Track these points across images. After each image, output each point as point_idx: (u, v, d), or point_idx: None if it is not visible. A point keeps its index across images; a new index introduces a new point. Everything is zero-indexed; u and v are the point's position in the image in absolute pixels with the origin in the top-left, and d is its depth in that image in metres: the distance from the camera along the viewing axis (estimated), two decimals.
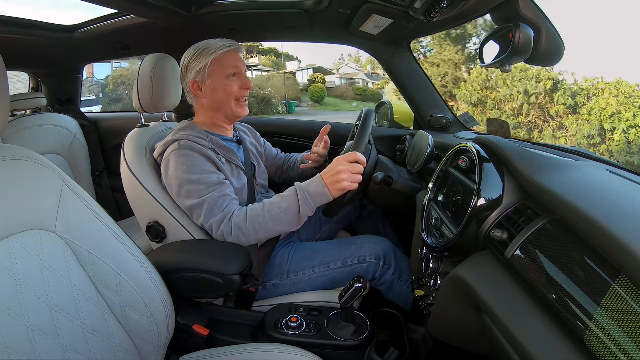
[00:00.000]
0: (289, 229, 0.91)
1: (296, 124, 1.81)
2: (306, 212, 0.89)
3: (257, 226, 0.89)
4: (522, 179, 0.65)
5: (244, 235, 0.89)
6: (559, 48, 0.88)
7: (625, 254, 0.40)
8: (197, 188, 0.91)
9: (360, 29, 1.25)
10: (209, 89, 1.02)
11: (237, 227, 0.89)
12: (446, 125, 1.45)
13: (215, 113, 1.06)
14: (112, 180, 1.90)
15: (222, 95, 1.02)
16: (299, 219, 0.90)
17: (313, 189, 0.89)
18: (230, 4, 1.28)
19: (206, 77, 1.00)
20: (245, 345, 0.77)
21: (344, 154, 0.91)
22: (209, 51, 0.99)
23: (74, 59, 1.84)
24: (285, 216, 0.89)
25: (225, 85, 1.01)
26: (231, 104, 1.03)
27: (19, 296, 0.53)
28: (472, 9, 0.92)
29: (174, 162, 0.92)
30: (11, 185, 0.56)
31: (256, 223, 0.89)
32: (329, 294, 1.02)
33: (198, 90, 1.03)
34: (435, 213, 0.89)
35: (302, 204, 0.88)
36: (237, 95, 1.03)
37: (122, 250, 0.65)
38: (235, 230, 0.89)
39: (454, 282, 0.70)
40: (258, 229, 0.89)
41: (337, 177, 0.87)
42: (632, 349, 0.37)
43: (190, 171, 0.91)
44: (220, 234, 0.90)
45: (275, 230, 0.91)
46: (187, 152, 0.93)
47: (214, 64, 1.00)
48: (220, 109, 1.05)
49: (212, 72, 1.00)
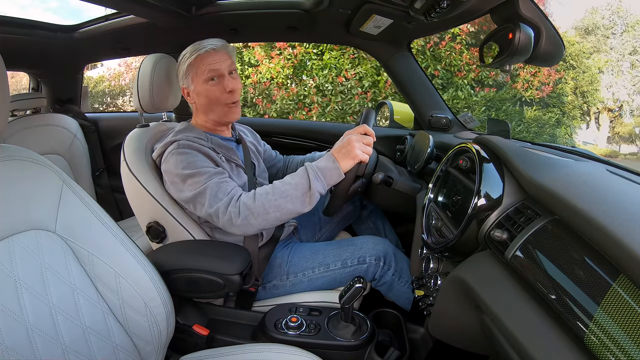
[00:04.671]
0: (300, 207, 0.85)
1: (296, 124, 1.81)
2: (317, 187, 0.84)
3: (266, 204, 0.84)
4: (522, 179, 0.65)
5: (253, 215, 0.84)
6: (558, 48, 0.88)
7: (625, 254, 0.40)
8: (197, 179, 0.89)
9: (360, 29, 1.25)
10: (194, 93, 1.01)
11: (246, 206, 0.85)
12: (446, 125, 1.45)
13: (207, 117, 1.05)
14: (112, 180, 1.90)
15: (205, 101, 1.00)
16: (310, 196, 0.85)
17: (323, 164, 0.86)
18: (230, 4, 1.28)
19: (190, 82, 1.00)
20: (245, 345, 0.77)
21: (354, 128, 0.90)
22: (187, 56, 0.99)
23: (74, 59, 1.83)
24: (296, 192, 0.84)
25: (206, 91, 0.98)
26: (217, 110, 1.00)
27: (18, 296, 0.53)
28: (472, 9, 0.92)
29: (173, 161, 0.92)
30: (11, 185, 0.56)
31: (265, 201, 0.84)
32: (329, 294, 1.02)
33: (187, 95, 1.04)
34: (435, 213, 0.89)
35: (312, 178, 0.84)
36: (222, 100, 0.99)
37: (122, 250, 0.65)
38: (243, 211, 0.85)
39: (454, 282, 0.70)
40: (268, 207, 0.84)
41: (349, 147, 0.85)
42: (632, 349, 0.37)
43: (189, 167, 0.90)
44: (227, 217, 0.86)
45: (286, 208, 0.85)
46: (186, 150, 0.92)
47: (190, 69, 0.98)
48: (209, 114, 1.03)
49: (193, 78, 0.99)
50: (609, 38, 7.89)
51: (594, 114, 8.51)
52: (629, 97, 8.14)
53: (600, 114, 8.41)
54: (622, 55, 7.83)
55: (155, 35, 1.48)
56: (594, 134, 8.57)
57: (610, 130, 8.62)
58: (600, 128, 8.56)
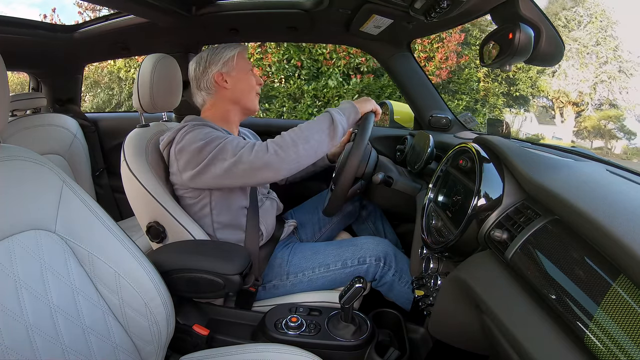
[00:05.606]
0: (326, 138, 0.89)
1: (295, 124, 1.81)
2: (339, 120, 0.91)
3: (293, 136, 0.87)
4: (522, 179, 0.65)
5: (282, 149, 0.85)
6: (559, 48, 0.88)
7: (625, 254, 0.40)
8: (216, 142, 0.88)
9: (360, 29, 1.25)
10: (234, 79, 1.06)
11: (273, 142, 0.86)
12: (446, 125, 1.45)
13: (234, 106, 1.08)
14: (112, 180, 1.90)
15: (245, 86, 1.08)
16: (334, 128, 0.90)
17: (342, 104, 0.97)
18: (230, 4, 1.28)
19: (231, 68, 1.05)
20: (245, 345, 0.77)
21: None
22: (232, 46, 1.08)
23: (74, 59, 1.84)
24: (321, 125, 0.90)
25: (247, 78, 1.08)
26: (251, 97, 1.09)
27: (18, 296, 0.53)
28: (472, 9, 0.92)
29: (188, 137, 0.91)
30: (11, 185, 0.56)
31: (292, 134, 0.88)
32: (329, 294, 1.02)
33: (223, 82, 1.05)
34: (435, 213, 0.89)
35: (334, 112, 0.92)
36: (255, 89, 1.10)
37: (122, 250, 0.65)
38: (271, 146, 0.86)
39: (454, 282, 0.70)
40: (295, 138, 0.86)
41: (366, 100, 1.00)
42: (632, 349, 0.37)
43: (206, 137, 0.90)
44: (254, 155, 0.85)
45: (313, 139, 0.87)
46: (199, 126, 0.94)
47: (239, 57, 1.07)
48: (240, 101, 1.08)
49: (237, 64, 1.06)
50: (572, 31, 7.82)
51: (558, 108, 8.48)
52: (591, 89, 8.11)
53: (564, 107, 8.38)
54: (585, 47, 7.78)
55: (155, 35, 1.47)
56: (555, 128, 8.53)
57: (577, 124, 8.60)
58: (564, 122, 8.52)
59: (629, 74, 8.06)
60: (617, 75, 8.04)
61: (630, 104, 8.31)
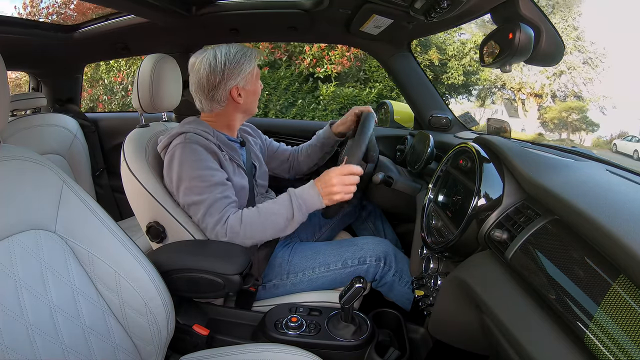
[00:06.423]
0: (282, 233, 0.93)
1: (295, 124, 1.81)
2: (299, 218, 0.91)
3: (251, 231, 0.90)
4: (522, 179, 0.65)
5: (238, 237, 0.90)
6: (559, 48, 0.88)
7: (625, 254, 0.40)
8: (198, 184, 0.91)
9: (360, 29, 1.25)
10: (248, 93, 1.03)
11: (232, 230, 0.90)
12: (446, 125, 1.45)
13: (243, 115, 1.08)
14: (112, 180, 1.90)
15: (255, 97, 1.07)
16: (292, 225, 0.92)
17: (307, 195, 0.91)
18: (230, 4, 1.28)
19: (249, 81, 1.02)
20: (245, 345, 0.77)
21: (339, 166, 0.92)
22: (249, 56, 1.01)
23: (74, 58, 1.84)
24: (279, 221, 0.91)
25: (257, 88, 1.07)
26: (256, 102, 1.08)
27: (18, 296, 0.53)
28: (472, 8, 0.92)
29: (179, 155, 0.92)
30: (11, 185, 0.56)
31: (250, 227, 0.90)
32: (329, 294, 1.02)
33: (238, 97, 1.01)
34: (435, 213, 0.89)
35: (295, 210, 0.90)
36: (259, 94, 1.09)
37: (122, 250, 0.65)
38: (229, 233, 0.90)
39: (454, 282, 0.70)
40: (252, 234, 0.90)
41: (331, 189, 0.89)
42: (632, 349, 0.37)
43: (194, 166, 0.91)
44: (214, 235, 0.91)
45: (268, 235, 0.93)
46: (194, 146, 0.93)
47: (252, 71, 1.02)
48: (248, 111, 1.08)
49: (250, 77, 1.02)
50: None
51: (520, 100, 8.40)
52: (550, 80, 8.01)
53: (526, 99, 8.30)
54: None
55: (155, 35, 1.48)
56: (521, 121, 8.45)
57: (540, 116, 8.51)
58: (527, 114, 8.44)
59: (594, 65, 7.96)
60: (579, 67, 7.93)
61: (594, 95, 8.21)
